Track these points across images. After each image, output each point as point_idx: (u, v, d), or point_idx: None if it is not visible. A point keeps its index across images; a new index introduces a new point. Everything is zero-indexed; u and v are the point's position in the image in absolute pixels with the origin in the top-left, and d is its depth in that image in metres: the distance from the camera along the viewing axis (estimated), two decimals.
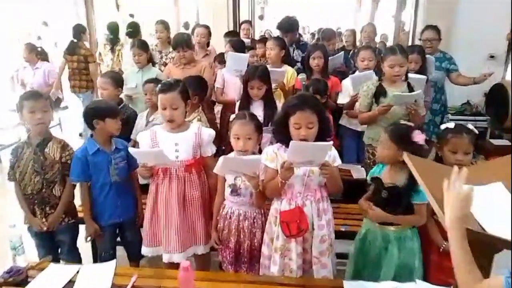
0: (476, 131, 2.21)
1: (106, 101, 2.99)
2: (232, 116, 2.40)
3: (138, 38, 5.28)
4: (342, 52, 4.50)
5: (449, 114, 4.71)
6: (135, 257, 2.73)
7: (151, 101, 3.28)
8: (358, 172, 3.32)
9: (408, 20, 6.47)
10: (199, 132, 2.42)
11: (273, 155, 2.18)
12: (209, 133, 2.46)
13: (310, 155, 1.96)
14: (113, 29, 6.20)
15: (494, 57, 5.50)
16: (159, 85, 2.43)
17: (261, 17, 12.61)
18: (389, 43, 7.24)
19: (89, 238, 2.66)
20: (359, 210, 2.42)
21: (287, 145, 2.09)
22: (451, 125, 2.25)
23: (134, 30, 5.96)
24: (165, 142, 2.38)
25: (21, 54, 5.72)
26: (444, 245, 2.19)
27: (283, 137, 2.15)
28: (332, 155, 2.13)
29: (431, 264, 2.29)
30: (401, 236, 2.20)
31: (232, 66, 3.66)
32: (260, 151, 2.37)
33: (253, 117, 2.34)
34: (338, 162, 2.19)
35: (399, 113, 2.99)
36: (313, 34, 11.00)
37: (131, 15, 7.76)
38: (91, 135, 2.64)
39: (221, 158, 2.07)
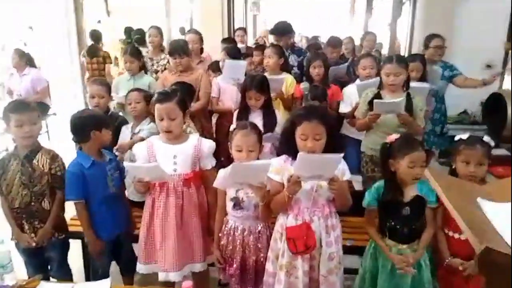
0: (492, 143, 2.13)
1: (97, 111, 2.86)
2: (233, 126, 2.28)
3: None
4: (346, 64, 4.41)
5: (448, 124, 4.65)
6: (129, 272, 2.61)
7: (135, 110, 3.09)
8: (359, 184, 3.23)
9: (404, 29, 6.44)
10: (198, 144, 2.30)
11: (278, 168, 2.07)
12: (209, 145, 2.34)
13: (319, 168, 1.86)
14: (130, 34, 6.32)
15: (491, 66, 5.48)
16: (156, 95, 2.30)
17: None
18: (384, 51, 7.20)
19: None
20: (363, 224, 2.33)
21: (293, 157, 1.98)
22: (464, 136, 2.18)
23: (141, 37, 5.92)
24: (163, 154, 2.26)
25: (7, 61, 5.58)
26: (448, 260, 2.14)
27: (289, 148, 2.05)
28: (341, 168, 2.03)
29: (439, 279, 2.22)
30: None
31: (229, 74, 3.56)
32: None
33: (255, 127, 2.24)
34: (347, 176, 2.08)
35: (393, 122, 2.92)
36: (307, 38, 10.97)
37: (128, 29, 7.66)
38: (80, 148, 2.50)
39: (229, 167, 1.95)
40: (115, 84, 3.83)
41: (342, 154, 1.87)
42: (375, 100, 2.86)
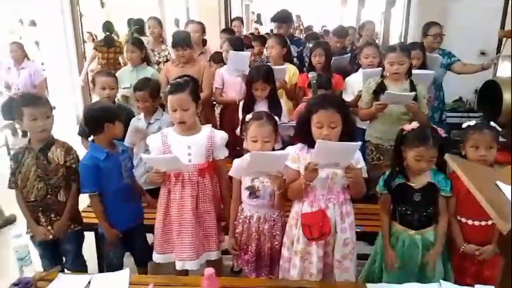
0: (499, 128, 2.18)
1: (109, 103, 2.88)
2: (248, 117, 2.31)
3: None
4: (349, 55, 4.45)
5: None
6: (143, 262, 2.66)
7: (145, 108, 3.09)
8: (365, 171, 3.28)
9: (397, 18, 6.50)
10: (211, 135, 2.34)
11: (295, 156, 2.11)
12: (222, 136, 2.38)
13: (337, 155, 1.89)
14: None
15: (485, 53, 5.55)
16: (169, 87, 2.33)
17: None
18: (378, 41, 7.25)
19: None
20: (374, 211, 2.39)
21: (309, 146, 2.03)
22: (472, 123, 2.23)
23: (141, 28, 5.93)
24: (177, 145, 2.29)
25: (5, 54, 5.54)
26: (463, 247, 2.19)
27: (305, 137, 2.09)
28: (355, 157, 2.06)
29: (453, 266, 2.28)
30: (427, 242, 2.19)
31: (233, 66, 3.58)
32: None
33: (270, 118, 2.26)
34: (361, 164, 2.11)
35: (397, 111, 2.97)
36: (300, 30, 10.99)
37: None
38: (93, 141, 2.52)
39: (247, 155, 1.98)
40: (118, 76, 3.83)
41: (360, 143, 1.91)
42: (386, 91, 2.88)
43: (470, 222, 2.19)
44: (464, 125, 2.26)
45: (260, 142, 2.17)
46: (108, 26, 7.36)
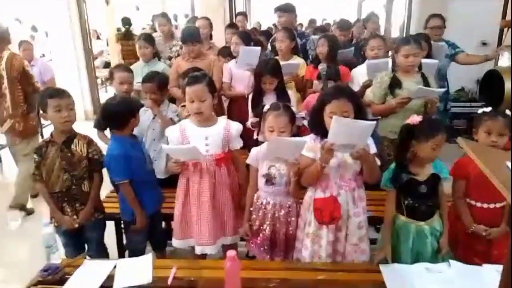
0: None
1: (127, 97, 2.98)
2: (266, 107, 2.40)
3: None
4: (352, 48, 4.54)
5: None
6: (161, 248, 2.78)
7: (153, 99, 3.17)
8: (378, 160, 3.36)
9: (400, 11, 6.56)
10: (228, 126, 2.44)
11: (310, 145, 2.20)
12: (237, 127, 2.48)
13: (353, 135, 1.93)
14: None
15: (487, 44, 5.63)
16: (186, 78, 2.42)
17: None
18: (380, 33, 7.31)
19: None
20: (382, 196, 2.45)
21: (322, 137, 2.12)
22: (487, 109, 2.30)
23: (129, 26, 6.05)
24: (195, 136, 2.39)
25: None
26: (473, 227, 2.28)
27: (318, 128, 2.17)
28: (367, 142, 2.11)
29: (460, 245, 2.38)
30: (434, 229, 2.26)
31: (244, 60, 3.67)
32: None
33: (287, 108, 2.34)
34: (373, 150, 2.17)
35: (416, 105, 2.99)
36: (301, 25, 11.02)
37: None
38: (113, 133, 2.62)
39: (269, 141, 2.07)
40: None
41: (375, 122, 1.95)
42: (419, 87, 2.90)
43: (479, 204, 2.29)
44: (479, 111, 2.33)
45: (277, 132, 2.26)
46: (127, 21, 7.86)
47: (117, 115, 2.51)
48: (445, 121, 4.66)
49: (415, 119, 2.22)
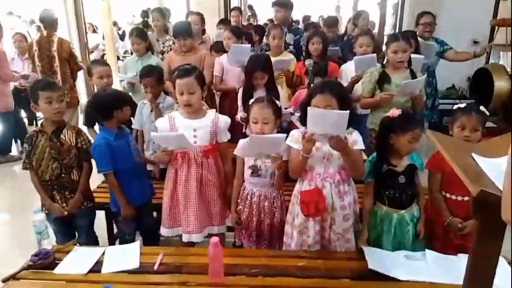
0: (487, 112, 2.32)
1: (116, 90, 3.04)
2: (251, 100, 2.48)
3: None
4: (338, 48, 4.62)
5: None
6: (151, 240, 2.81)
7: (153, 93, 3.26)
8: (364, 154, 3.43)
9: (393, 8, 6.63)
10: (216, 119, 2.50)
11: (298, 138, 2.25)
12: (225, 121, 2.54)
13: (328, 124, 1.97)
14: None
15: (478, 42, 5.70)
16: (176, 71, 2.48)
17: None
18: (375, 31, 7.37)
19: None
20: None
21: None
22: (462, 105, 2.36)
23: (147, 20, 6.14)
24: (184, 128, 2.44)
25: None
26: (449, 219, 2.35)
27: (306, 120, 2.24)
28: (352, 139, 2.19)
29: (436, 238, 2.45)
30: (412, 216, 2.35)
31: (234, 57, 3.73)
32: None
33: (271, 101, 2.41)
34: (359, 146, 2.22)
35: (401, 99, 3.08)
36: (297, 22, 11.06)
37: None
38: (102, 125, 2.69)
39: (247, 138, 2.14)
40: (123, 65, 3.98)
41: (348, 112, 1.94)
42: (403, 82, 2.99)
43: (454, 197, 2.37)
44: (454, 107, 2.40)
45: (260, 124, 2.33)
46: (144, 14, 8.23)
47: (101, 107, 2.58)
48: (433, 117, 4.74)
49: (395, 112, 2.29)
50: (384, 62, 3.25)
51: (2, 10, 9.23)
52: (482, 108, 2.32)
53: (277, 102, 2.45)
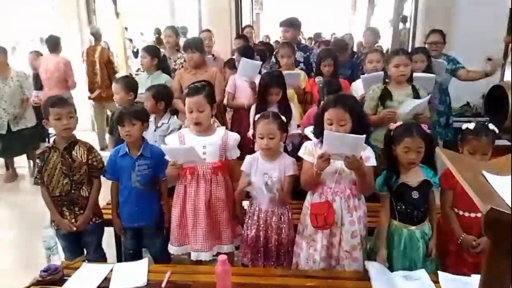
0: (496, 130, 2.28)
1: (123, 107, 2.99)
2: (257, 116, 2.49)
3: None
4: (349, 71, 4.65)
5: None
6: (162, 260, 2.74)
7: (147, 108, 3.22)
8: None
9: (407, 24, 6.63)
10: (225, 136, 2.51)
11: (310, 150, 2.28)
12: (235, 138, 2.55)
13: (344, 146, 2.00)
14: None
15: (491, 59, 5.63)
16: (186, 89, 2.50)
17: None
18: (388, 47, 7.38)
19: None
20: (377, 208, 2.49)
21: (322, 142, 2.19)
22: (471, 125, 2.30)
23: (160, 37, 6.32)
24: (193, 145, 2.42)
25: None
26: (462, 237, 2.30)
27: (320, 133, 2.22)
28: (365, 155, 2.18)
29: (450, 255, 2.40)
30: (424, 233, 2.31)
31: (243, 72, 3.75)
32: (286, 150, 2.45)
33: (276, 116, 2.42)
34: (372, 163, 2.21)
35: (405, 117, 3.04)
36: (310, 39, 11.15)
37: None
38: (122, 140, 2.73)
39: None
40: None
41: (364, 136, 1.99)
42: (410, 107, 2.98)
43: (466, 214, 2.32)
44: (463, 127, 2.34)
45: (266, 139, 2.34)
46: (157, 31, 8.62)
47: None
48: (448, 136, 4.68)
49: (394, 125, 2.32)
50: (387, 80, 3.26)
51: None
52: (491, 126, 2.27)
53: (283, 117, 2.44)
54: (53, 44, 5.79)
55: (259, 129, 2.39)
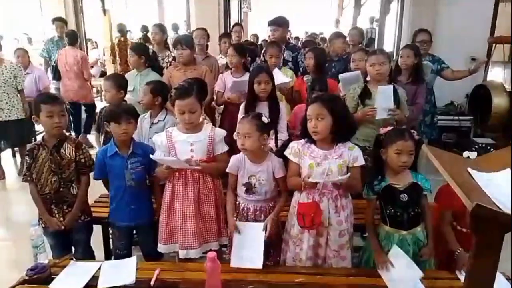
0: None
1: (113, 105, 2.97)
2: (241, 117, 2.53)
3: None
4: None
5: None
6: (150, 259, 2.72)
7: (143, 103, 3.25)
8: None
9: (392, 24, 6.69)
10: (212, 133, 2.52)
11: (296, 151, 2.30)
12: (220, 133, 2.57)
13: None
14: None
15: (475, 59, 5.73)
16: (175, 91, 2.48)
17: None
18: (373, 47, 7.44)
19: None
20: (362, 205, 2.50)
21: (309, 141, 2.27)
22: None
23: (147, 34, 6.30)
24: (181, 142, 2.46)
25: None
26: (458, 252, 2.29)
27: (306, 132, 2.28)
28: (353, 155, 2.23)
29: (441, 265, 2.41)
30: (416, 239, 2.30)
31: (234, 88, 3.74)
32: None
33: (256, 116, 2.41)
34: (360, 162, 2.26)
35: (381, 113, 3.07)
36: (297, 38, 11.19)
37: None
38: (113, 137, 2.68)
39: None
40: None
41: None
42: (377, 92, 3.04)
43: (464, 230, 2.34)
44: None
45: (242, 138, 2.34)
46: (145, 28, 8.62)
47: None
48: (432, 134, 4.75)
49: (384, 129, 2.34)
50: (367, 79, 3.30)
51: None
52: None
53: (265, 118, 2.41)
54: (72, 38, 6.16)
55: (237, 128, 2.42)
